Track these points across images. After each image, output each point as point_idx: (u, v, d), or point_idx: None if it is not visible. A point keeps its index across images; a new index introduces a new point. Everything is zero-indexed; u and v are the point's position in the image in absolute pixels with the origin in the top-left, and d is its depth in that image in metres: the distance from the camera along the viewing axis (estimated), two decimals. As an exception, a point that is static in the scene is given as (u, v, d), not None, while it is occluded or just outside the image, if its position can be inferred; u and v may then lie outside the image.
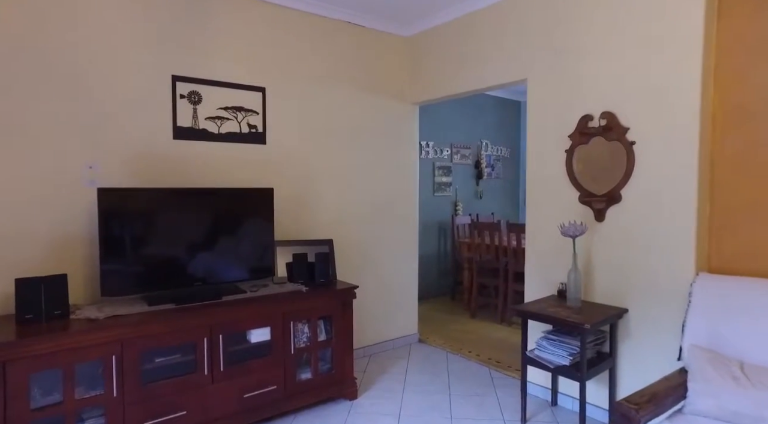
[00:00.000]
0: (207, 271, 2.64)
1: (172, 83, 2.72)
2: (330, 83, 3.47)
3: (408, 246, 4.06)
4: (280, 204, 3.17)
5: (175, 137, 2.76)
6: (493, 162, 6.46)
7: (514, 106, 6.75)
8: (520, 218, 6.80)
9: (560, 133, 2.86)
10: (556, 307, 2.61)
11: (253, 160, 3.10)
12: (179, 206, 2.56)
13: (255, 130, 3.10)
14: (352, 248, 3.64)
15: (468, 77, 3.48)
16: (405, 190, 4.01)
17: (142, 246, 2.42)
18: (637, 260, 2.54)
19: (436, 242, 5.83)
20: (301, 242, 3.10)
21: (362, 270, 3.72)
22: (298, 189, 3.32)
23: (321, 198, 3.45)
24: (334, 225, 3.52)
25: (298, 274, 2.94)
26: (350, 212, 3.63)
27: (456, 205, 5.98)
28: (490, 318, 4.83)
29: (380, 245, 3.84)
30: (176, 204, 2.56)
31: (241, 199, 2.80)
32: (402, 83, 3.93)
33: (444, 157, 5.87)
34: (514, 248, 4.53)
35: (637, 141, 2.50)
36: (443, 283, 5.87)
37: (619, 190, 2.59)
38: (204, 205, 2.65)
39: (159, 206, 2.49)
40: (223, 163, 2.96)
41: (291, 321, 2.71)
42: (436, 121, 5.67)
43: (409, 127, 4.03)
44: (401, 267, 4.02)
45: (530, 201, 3.08)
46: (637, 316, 2.54)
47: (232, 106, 2.99)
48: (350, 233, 3.63)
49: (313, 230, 3.39)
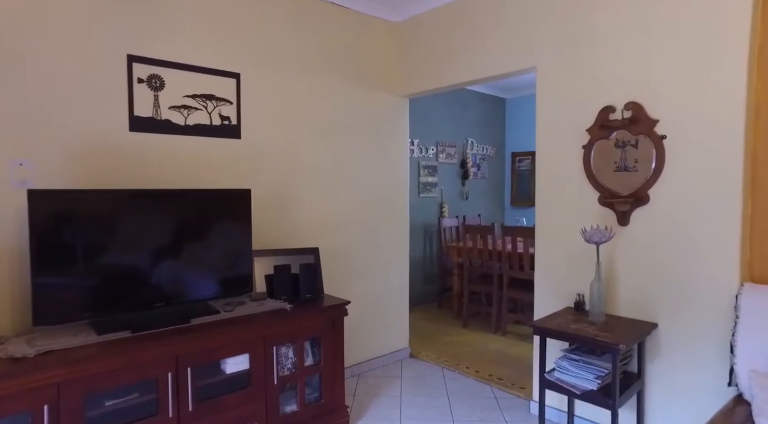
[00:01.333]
0: (171, 288, 2.21)
1: (128, 64, 2.27)
2: (313, 72, 3.07)
3: (398, 252, 3.71)
4: (258, 208, 2.76)
5: (132, 129, 2.31)
6: (479, 161, 6.18)
7: (499, 103, 6.50)
8: (506, 219, 6.55)
9: (576, 128, 2.56)
10: (579, 323, 2.30)
11: (226, 156, 2.68)
12: (136, 212, 2.12)
13: (228, 122, 2.68)
14: (338, 256, 3.26)
15: (466, 67, 3.15)
16: (395, 191, 3.66)
17: (88, 260, 1.97)
18: (668, 269, 2.25)
19: (421, 246, 5.49)
20: (282, 252, 2.70)
21: (349, 280, 3.34)
22: (278, 190, 2.91)
23: (304, 200, 3.05)
24: (318, 230, 3.12)
25: (280, 289, 2.54)
26: (336, 215, 3.24)
27: (442, 207, 5.67)
28: (483, 327, 4.52)
29: (369, 251, 3.47)
30: (132, 209, 2.11)
31: (213, 203, 2.38)
32: (392, 74, 3.57)
33: (429, 156, 5.54)
34: (509, 252, 4.24)
35: (669, 135, 2.22)
36: (430, 289, 5.54)
37: (647, 190, 2.31)
38: (167, 209, 2.22)
39: (110, 212, 2.04)
40: (190, 160, 2.53)
41: (273, 346, 2.31)
42: (422, 118, 5.34)
43: (398, 122, 3.68)
44: (391, 275, 3.66)
45: (540, 203, 2.77)
46: (669, 331, 2.26)
47: (202, 94, 2.56)
48: (336, 239, 3.24)
49: (295, 236, 2.99)
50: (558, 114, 2.65)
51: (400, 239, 3.72)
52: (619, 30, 2.38)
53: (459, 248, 4.78)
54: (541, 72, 2.73)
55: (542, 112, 2.74)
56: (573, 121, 2.58)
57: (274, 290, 2.55)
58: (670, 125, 2.22)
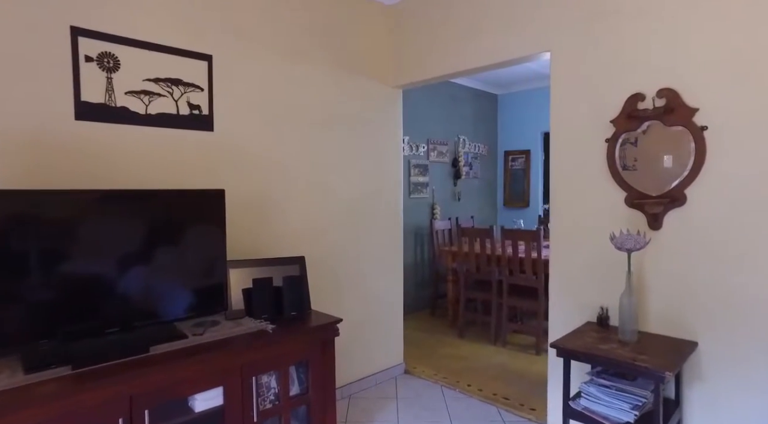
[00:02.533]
0: (128, 309, 1.83)
1: (72, 39, 1.88)
2: (297, 57, 2.71)
3: (391, 259, 3.37)
4: (234, 211, 2.39)
5: (79, 117, 1.92)
6: (471, 160, 5.89)
7: (491, 99, 6.22)
8: (499, 221, 6.27)
9: (598, 119, 2.26)
10: (607, 342, 1.99)
11: (196, 151, 2.30)
12: (82, 216, 1.73)
13: (198, 111, 2.31)
14: (326, 265, 2.90)
15: (468, 53, 2.83)
16: (387, 192, 3.32)
17: (17, 277, 1.57)
18: (708, 279, 1.96)
19: (412, 250, 5.16)
20: (263, 262, 2.33)
21: (338, 292, 2.98)
22: (257, 191, 2.54)
23: (287, 203, 2.69)
24: (303, 237, 2.76)
25: (261, 305, 2.17)
26: (323, 219, 2.89)
27: (434, 208, 5.35)
28: (481, 338, 4.21)
29: (359, 258, 3.12)
30: (78, 213, 1.72)
31: (179, 206, 2.00)
32: (383, 62, 3.23)
33: (420, 154, 5.22)
34: (509, 256, 3.94)
35: (710, 126, 1.93)
36: (421, 296, 5.22)
37: (683, 189, 2.01)
38: (123, 214, 1.83)
39: (49, 216, 1.65)
40: (152, 155, 2.15)
41: (252, 376, 1.94)
42: (412, 114, 5.00)
43: (391, 115, 3.34)
44: (384, 284, 3.31)
45: (556, 204, 2.46)
46: (712, 351, 1.97)
47: (166, 78, 2.18)
48: (323, 246, 2.89)
49: (277, 244, 2.62)
50: (576, 104, 2.35)
51: (394, 245, 3.38)
52: (650, 5, 2.08)
53: (454, 252, 4.46)
54: (556, 57, 2.43)
55: (557, 102, 2.43)
56: (594, 112, 2.28)
57: (253, 307, 2.18)
58: (712, 115, 1.93)
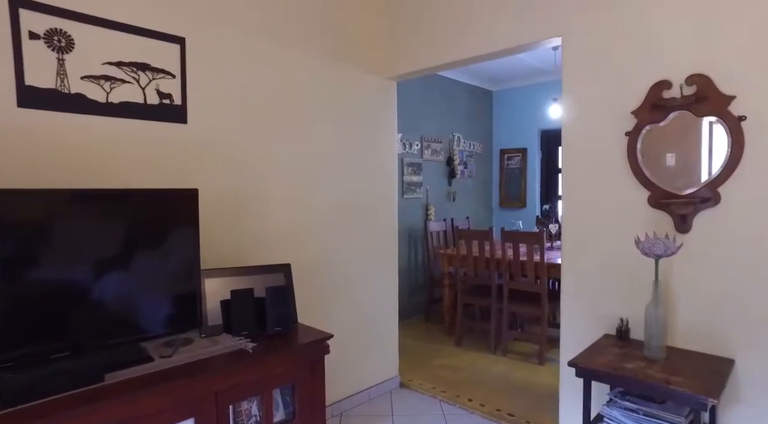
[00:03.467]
0: (83, 328, 1.56)
1: (11, 10, 1.60)
2: (281, 43, 2.45)
3: (385, 264, 3.12)
4: (211, 214, 2.13)
5: (23, 104, 1.64)
6: (466, 159, 5.66)
7: (486, 95, 6.00)
8: (495, 222, 6.06)
9: (618, 110, 2.03)
10: (632, 360, 1.77)
11: (167, 146, 2.03)
12: (30, 219, 1.46)
13: (169, 101, 2.03)
14: (314, 272, 2.64)
15: (470, 40, 2.59)
16: (381, 192, 3.07)
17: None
18: (748, 288, 1.75)
19: (405, 253, 4.92)
20: (243, 270, 2.07)
21: (327, 301, 2.73)
22: (236, 191, 2.28)
23: (271, 204, 2.42)
24: (289, 242, 2.50)
25: (240, 321, 1.91)
26: (311, 222, 2.63)
27: (428, 209, 5.11)
28: (479, 346, 3.98)
29: (351, 263, 2.87)
30: (17, 215, 1.45)
31: (145, 207, 1.73)
32: (377, 50, 2.98)
33: (414, 152, 4.98)
34: (510, 260, 3.71)
35: (749, 115, 1.72)
36: (416, 301, 4.98)
37: (717, 188, 1.80)
38: (80, 216, 1.56)
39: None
40: (113, 150, 1.87)
41: (230, 403, 1.68)
42: (405, 110, 4.75)
43: (385, 109, 3.09)
44: (378, 291, 3.06)
45: (568, 204, 2.24)
46: (753, 371, 1.75)
47: (131, 61, 1.91)
48: (311, 251, 2.63)
49: (260, 250, 2.36)
50: (592, 94, 2.12)
51: (388, 249, 3.13)
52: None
53: (450, 255, 4.23)
54: (569, 42, 2.20)
55: (570, 92, 2.20)
56: (613, 103, 2.05)
57: (232, 322, 1.91)
58: (751, 103, 1.71)
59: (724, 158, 1.77)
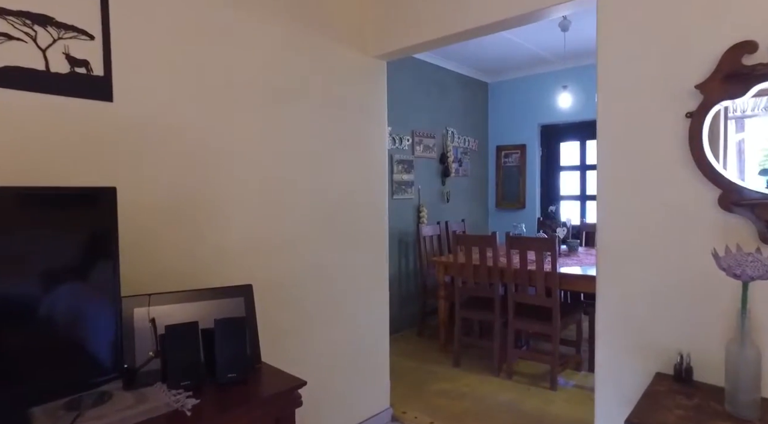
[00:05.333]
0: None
1: None
2: (243, 6, 1.94)
3: (374, 279, 2.63)
4: (146, 221, 1.62)
5: None
6: (461, 156, 5.20)
7: (481, 87, 5.55)
8: (491, 225, 5.61)
9: (675, 85, 1.57)
10: (711, 417, 1.31)
11: (82, 131, 1.51)
12: None
13: (86, 70, 1.52)
14: (287, 289, 2.14)
15: (473, 6, 2.11)
16: (370, 192, 2.58)
17: None
18: None
19: (396, 260, 4.43)
20: (187, 296, 1.55)
21: (302, 327, 2.22)
22: (185, 191, 1.77)
23: (231, 207, 1.91)
24: (254, 254, 1.99)
25: (179, 366, 1.40)
26: (281, 230, 2.12)
27: (420, 211, 4.64)
28: (480, 367, 3.51)
29: (333, 278, 2.37)
30: None
31: (41, 212, 1.22)
32: (362, 22, 2.49)
33: (404, 148, 4.50)
34: (516, 270, 3.25)
35: None
36: (406, 313, 4.49)
37: (820, 184, 1.35)
38: None
39: None
40: (0, 135, 1.36)
41: (154, 495, 1.18)
42: (395, 101, 4.27)
43: (374, 94, 2.60)
44: (367, 311, 2.57)
45: (605, 210, 1.77)
46: None
47: (20, 11, 1.39)
48: (283, 265, 2.12)
49: (213, 267, 1.84)
50: (638, 67, 1.66)
51: (377, 261, 2.64)
52: None
53: (446, 262, 3.76)
54: (606, 2, 1.74)
55: (607, 65, 1.74)
56: (668, 76, 1.59)
57: (168, 368, 1.41)
58: None
59: (830, 144, 1.32)
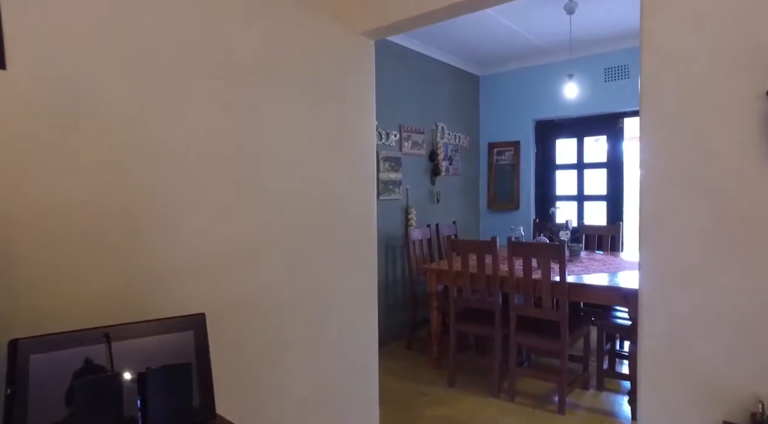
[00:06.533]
0: None
1: None
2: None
3: (361, 295, 2.24)
4: (56, 233, 1.21)
5: None
6: (451, 153, 4.86)
7: (472, 80, 5.21)
8: (482, 228, 5.29)
9: (751, 56, 1.24)
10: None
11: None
12: None
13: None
14: (253, 315, 1.74)
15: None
16: (355, 193, 2.19)
17: None
18: None
19: (383, 266, 4.06)
20: (111, 333, 1.15)
21: (278, 355, 1.83)
22: (111, 193, 1.36)
23: (176, 213, 1.51)
24: (211, 271, 1.59)
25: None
26: (247, 240, 1.72)
27: (408, 213, 4.27)
28: (478, 386, 3.16)
29: (314, 298, 1.98)
30: None
31: None
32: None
33: (391, 144, 4.13)
34: (519, 279, 2.91)
35: None
36: (394, 324, 4.12)
37: None
38: None
39: None
40: None
41: None
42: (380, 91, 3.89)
43: (360, 78, 2.22)
44: (352, 335, 2.18)
45: (648, 214, 1.42)
46: None
47: None
48: (246, 285, 1.72)
49: (152, 291, 1.43)
50: (700, 22, 1.32)
51: (365, 274, 2.25)
52: None
53: (440, 270, 3.40)
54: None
55: (656, 22, 1.39)
56: (741, 36, 1.25)
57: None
58: None
59: None
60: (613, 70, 4.38)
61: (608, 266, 3.25)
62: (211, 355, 1.28)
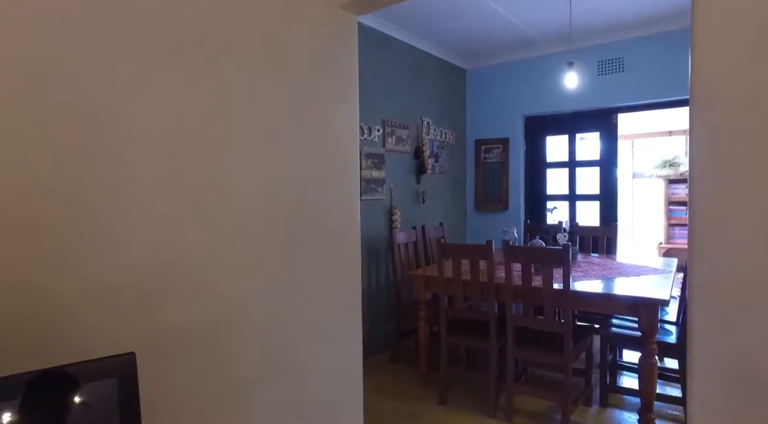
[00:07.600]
0: None
1: None
2: None
3: (343, 313, 1.94)
4: None
5: None
6: (437, 150, 4.57)
7: (458, 74, 4.94)
8: (468, 232, 5.02)
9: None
10: None
11: None
12: None
13: None
14: (209, 344, 1.40)
15: None
16: (335, 191, 1.88)
17: None
18: None
19: (365, 272, 3.75)
20: None
21: (237, 399, 1.50)
22: (26, 185, 1.01)
23: (108, 216, 1.17)
24: (148, 293, 1.25)
25: None
26: (203, 248, 1.38)
27: (392, 214, 3.97)
28: (472, 403, 2.87)
29: (288, 317, 1.65)
30: None
31: None
32: (325, -44, 1.79)
33: (374, 140, 3.81)
34: (517, 286, 2.64)
35: None
36: (377, 334, 3.81)
37: None
38: None
39: None
40: None
41: None
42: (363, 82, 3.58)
43: (340, 58, 1.91)
44: (331, 363, 1.87)
45: (704, 221, 1.15)
46: None
47: None
48: (201, 306, 1.39)
49: (56, 322, 1.09)
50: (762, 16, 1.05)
51: (347, 287, 1.94)
52: None
53: (428, 277, 3.10)
54: None
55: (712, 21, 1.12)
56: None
57: None
58: None
59: None
60: (606, 63, 4.16)
61: (608, 271, 3.01)
62: (143, 408, 0.95)
